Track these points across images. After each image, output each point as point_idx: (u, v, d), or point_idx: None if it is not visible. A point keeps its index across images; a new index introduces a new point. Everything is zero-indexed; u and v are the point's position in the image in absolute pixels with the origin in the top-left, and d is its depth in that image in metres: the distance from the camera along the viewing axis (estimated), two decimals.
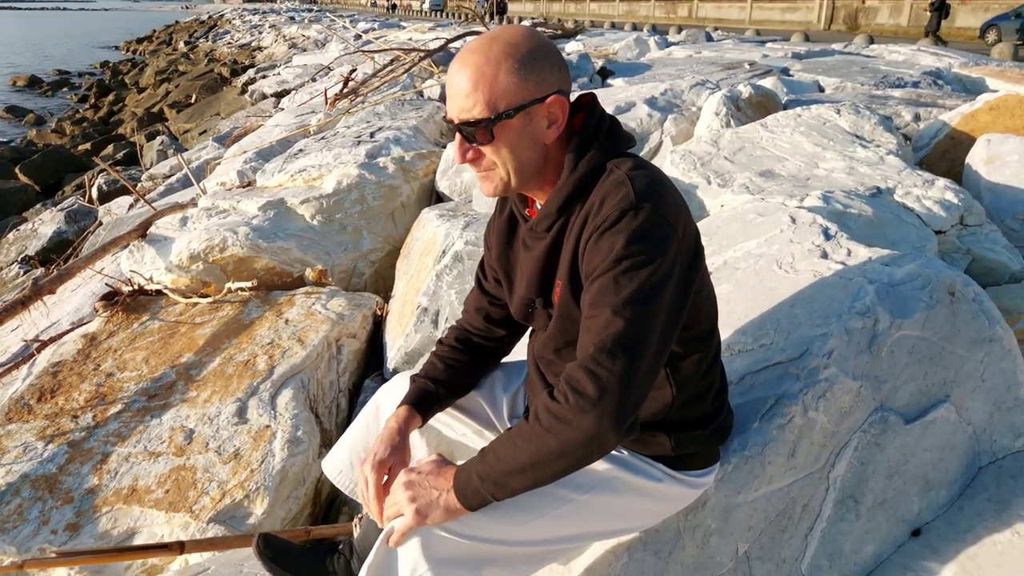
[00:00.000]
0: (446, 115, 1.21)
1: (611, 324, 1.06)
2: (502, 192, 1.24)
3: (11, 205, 9.08)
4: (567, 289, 1.21)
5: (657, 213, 1.10)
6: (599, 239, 1.11)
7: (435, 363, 1.48)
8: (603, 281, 1.09)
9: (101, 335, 3.10)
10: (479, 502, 1.14)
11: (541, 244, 1.27)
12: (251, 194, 4.02)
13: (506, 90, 1.15)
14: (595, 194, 1.17)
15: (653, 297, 1.08)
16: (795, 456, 1.47)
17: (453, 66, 1.17)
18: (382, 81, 7.82)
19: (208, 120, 12.46)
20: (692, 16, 32.89)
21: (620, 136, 1.25)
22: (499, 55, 1.15)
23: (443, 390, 1.44)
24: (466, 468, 1.16)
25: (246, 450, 2.26)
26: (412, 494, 1.16)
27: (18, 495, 2.15)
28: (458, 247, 2.90)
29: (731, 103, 3.85)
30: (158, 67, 25.38)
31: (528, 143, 1.20)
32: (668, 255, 1.10)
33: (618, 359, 1.04)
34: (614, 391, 1.03)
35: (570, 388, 1.06)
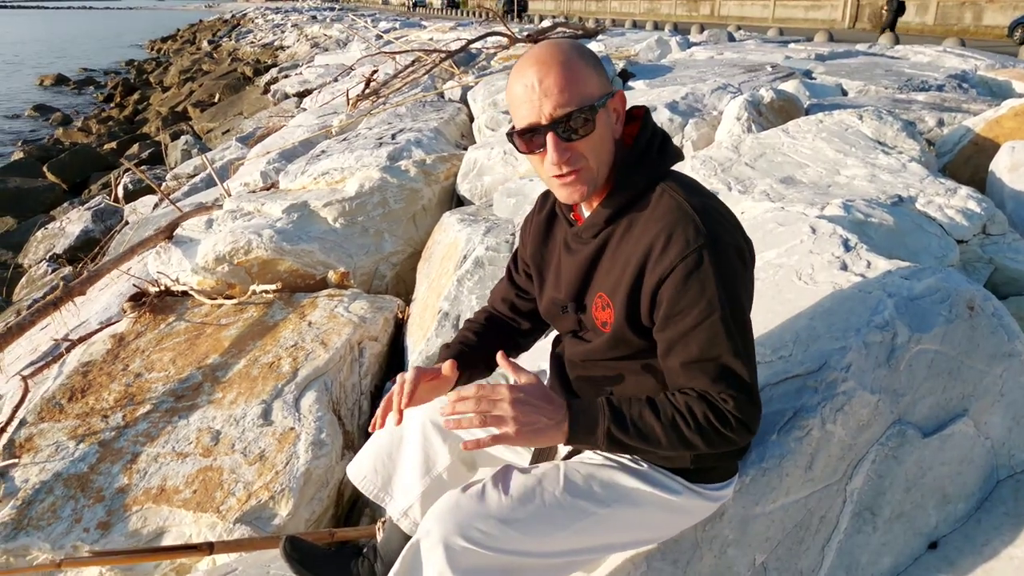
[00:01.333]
0: (523, 125, 1.21)
1: (738, 367, 1.20)
2: (589, 194, 1.25)
3: (39, 203, 9.26)
4: (622, 314, 1.25)
5: (729, 243, 1.18)
6: (687, 281, 1.17)
7: (467, 334, 1.54)
8: (711, 327, 1.17)
9: (129, 335, 3.17)
10: (583, 444, 1.25)
11: (585, 250, 1.31)
12: (275, 196, 4.08)
13: (592, 83, 1.21)
14: (652, 218, 1.22)
15: (749, 323, 1.23)
16: (813, 468, 1.49)
17: (529, 71, 1.20)
18: (403, 82, 7.87)
19: (231, 119, 12.60)
20: (714, 14, 32.67)
21: (670, 152, 1.29)
22: (573, 55, 1.21)
23: (476, 354, 1.50)
24: (589, 415, 1.22)
25: (271, 452, 2.31)
26: (520, 414, 1.17)
27: (51, 493, 2.22)
28: (479, 253, 2.93)
29: (752, 108, 3.84)
30: (182, 66, 25.67)
31: (610, 136, 1.25)
32: (746, 276, 1.22)
33: (753, 391, 1.22)
34: (759, 412, 1.24)
35: (735, 419, 1.20)
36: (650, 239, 1.20)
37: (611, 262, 1.27)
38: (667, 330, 1.20)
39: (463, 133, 5.81)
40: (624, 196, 1.25)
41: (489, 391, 1.19)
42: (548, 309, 1.43)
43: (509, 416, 1.16)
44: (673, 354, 1.21)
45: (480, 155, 4.19)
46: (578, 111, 1.18)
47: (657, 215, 1.21)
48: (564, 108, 1.18)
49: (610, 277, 1.27)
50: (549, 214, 1.45)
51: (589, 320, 1.33)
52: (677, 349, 1.20)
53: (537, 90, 1.18)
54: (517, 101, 1.22)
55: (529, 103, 1.19)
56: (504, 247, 2.93)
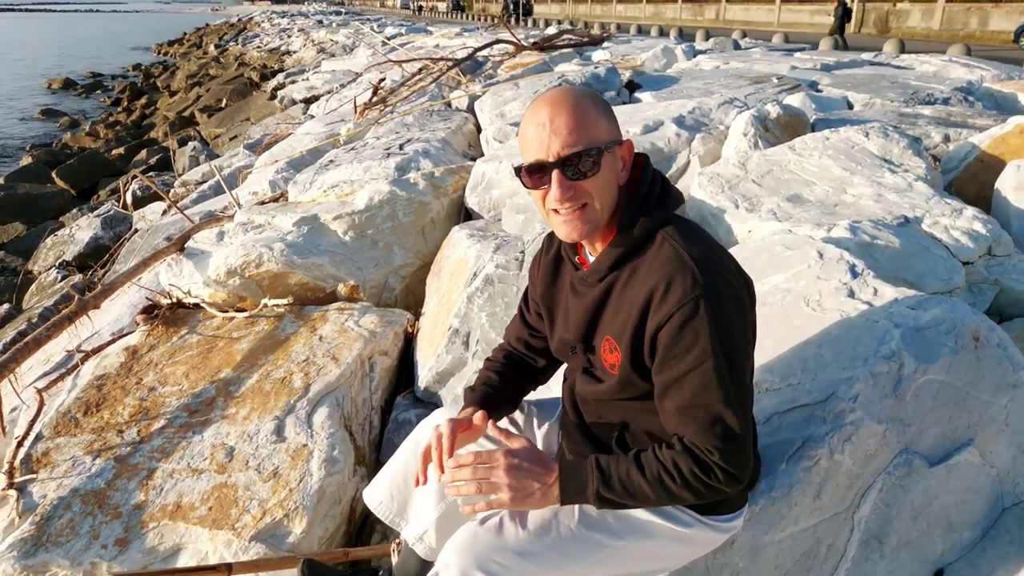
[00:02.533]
0: (532, 162, 1.26)
1: (728, 416, 1.21)
2: (588, 234, 1.30)
3: (48, 210, 9.32)
4: (627, 360, 1.29)
5: (724, 290, 1.21)
6: (682, 329, 1.20)
7: (489, 375, 1.58)
8: (703, 374, 1.20)
9: (142, 348, 3.21)
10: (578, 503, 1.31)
11: (591, 293, 1.35)
12: (286, 209, 4.12)
13: (602, 128, 1.26)
14: (652, 266, 1.25)
15: (744, 370, 1.24)
16: (821, 497, 1.51)
17: (542, 111, 1.25)
18: (411, 90, 7.92)
19: (239, 125, 12.67)
20: (719, 18, 32.69)
21: (671, 198, 1.32)
22: (586, 100, 1.26)
23: (500, 396, 1.55)
24: (578, 478, 1.27)
25: (285, 468, 2.35)
26: (514, 481, 1.26)
27: (69, 509, 2.25)
28: (489, 270, 2.97)
29: (759, 123, 3.87)
30: (189, 71, 25.79)
31: (614, 181, 1.29)
32: (742, 323, 1.23)
33: (744, 441, 1.24)
34: (748, 463, 1.26)
35: (719, 468, 1.23)
36: (651, 286, 1.24)
37: (617, 306, 1.32)
38: (662, 374, 1.25)
39: (471, 143, 5.84)
40: (627, 243, 1.30)
41: (485, 458, 1.28)
42: (559, 348, 1.49)
43: (504, 483, 1.25)
44: (667, 398, 1.25)
45: (489, 168, 4.22)
46: (585, 151, 1.23)
47: (658, 263, 1.25)
48: (571, 148, 1.23)
49: (616, 321, 1.31)
50: (556, 256, 1.50)
51: (598, 361, 1.37)
52: (671, 393, 1.24)
53: (547, 128, 1.23)
54: (527, 139, 1.27)
55: (539, 141, 1.24)
56: (514, 265, 2.96)
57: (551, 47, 9.55)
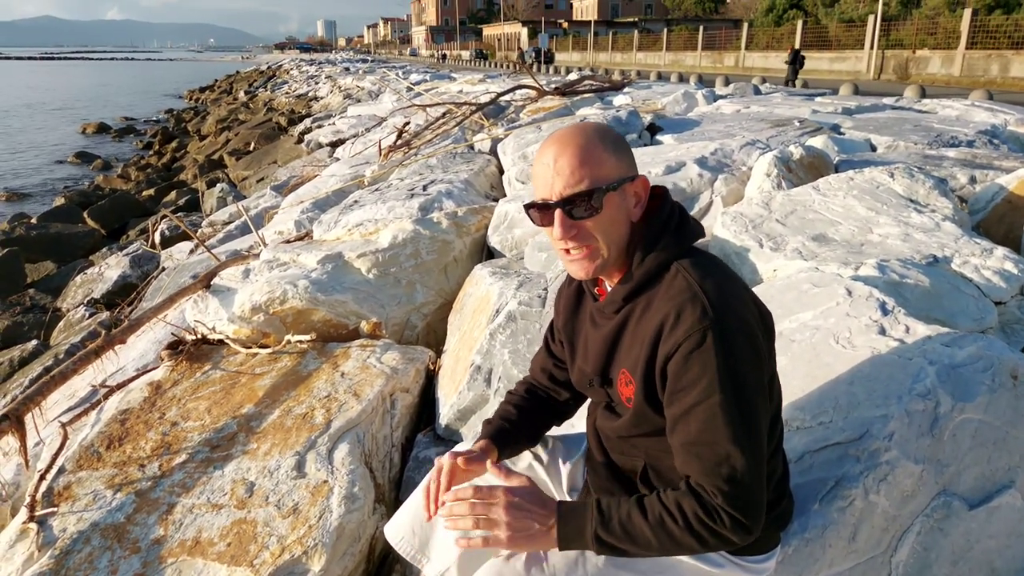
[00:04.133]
0: (538, 201, 1.27)
1: (735, 456, 1.15)
2: (596, 272, 1.29)
3: (78, 248, 9.52)
4: (640, 393, 1.27)
5: (738, 326, 1.18)
6: (687, 360, 1.17)
7: (508, 408, 1.57)
8: (708, 411, 1.16)
9: (166, 383, 3.22)
10: (577, 548, 1.24)
11: (608, 325, 1.34)
12: (310, 247, 4.16)
13: (608, 166, 1.25)
14: (665, 298, 1.23)
15: (756, 411, 1.18)
16: (856, 540, 1.46)
17: (549, 150, 1.26)
18: (434, 134, 8.05)
19: (266, 168, 12.93)
20: (738, 65, 33.08)
21: (688, 230, 1.31)
22: (595, 137, 1.25)
23: (516, 431, 1.53)
24: (577, 519, 1.22)
25: (304, 505, 2.32)
26: (513, 519, 1.22)
27: (88, 543, 2.24)
28: (512, 307, 2.96)
29: (782, 164, 3.87)
30: (219, 115, 26.48)
31: (623, 219, 1.28)
32: (754, 360, 1.18)
33: (752, 486, 1.17)
34: (758, 510, 1.18)
35: (726, 515, 1.16)
36: (662, 317, 1.22)
37: (631, 339, 1.30)
38: (671, 407, 1.22)
39: (493, 185, 5.90)
40: (640, 276, 1.28)
41: (486, 494, 1.25)
42: (579, 380, 1.47)
43: (503, 521, 1.22)
44: (675, 433, 1.22)
45: (511, 208, 4.25)
46: (585, 192, 1.22)
47: (671, 294, 1.23)
48: (572, 188, 1.23)
49: (631, 354, 1.30)
50: (578, 287, 1.50)
51: (616, 395, 1.36)
52: (678, 428, 1.21)
53: (551, 168, 1.24)
54: (536, 177, 1.28)
55: (544, 179, 1.25)
56: (536, 302, 2.96)
57: (573, 92, 9.69)
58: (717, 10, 60.31)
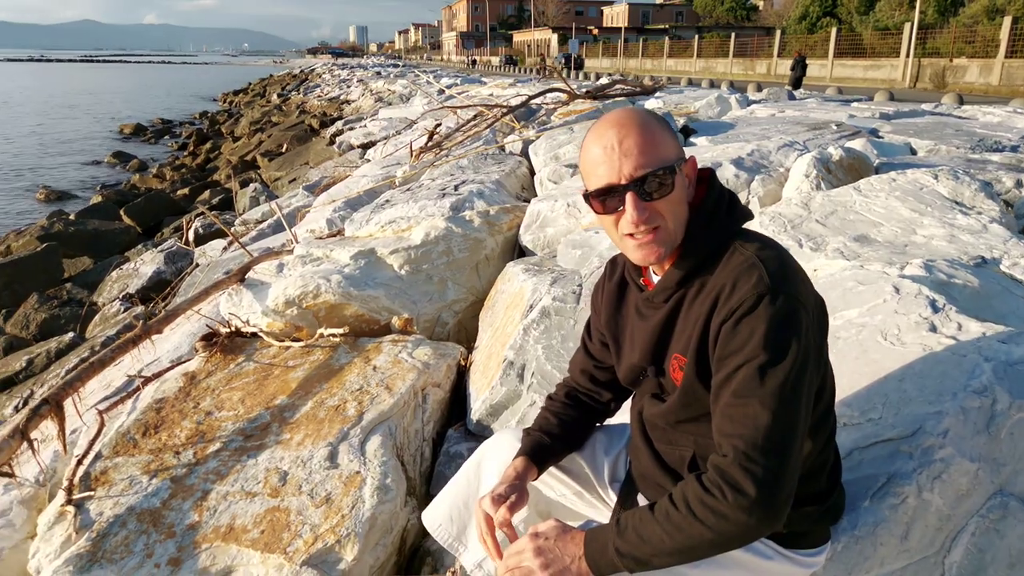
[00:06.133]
0: (602, 186, 1.23)
1: (760, 417, 1.08)
2: (664, 255, 1.25)
3: (115, 245, 9.69)
4: (692, 368, 1.23)
5: (793, 297, 1.13)
6: (737, 324, 1.14)
7: (547, 417, 1.52)
8: (747, 371, 1.11)
9: (200, 374, 3.25)
10: (612, 572, 1.17)
11: (657, 314, 1.30)
12: (344, 243, 4.18)
13: (669, 146, 1.23)
14: (722, 273, 1.19)
15: (797, 386, 1.10)
16: (908, 539, 1.42)
17: (608, 133, 1.22)
18: (465, 135, 8.06)
19: (298, 169, 13.06)
20: (771, 73, 32.75)
21: (740, 211, 1.28)
22: (650, 120, 1.24)
23: (557, 443, 1.49)
24: (599, 539, 1.18)
25: (337, 495, 2.32)
26: (544, 560, 1.19)
27: (125, 527, 2.26)
28: (546, 302, 2.94)
29: (821, 165, 3.81)
30: (252, 118, 26.86)
31: (685, 199, 1.26)
32: (806, 339, 1.13)
33: (772, 456, 1.07)
34: (772, 487, 1.07)
35: (726, 484, 1.08)
36: (717, 291, 1.19)
37: (684, 323, 1.27)
38: (717, 373, 1.18)
39: (524, 186, 5.89)
40: (694, 258, 1.25)
41: (513, 549, 1.23)
42: (627, 375, 1.43)
43: (536, 565, 1.19)
44: (717, 399, 1.17)
45: (544, 207, 4.24)
46: (658, 171, 1.20)
47: (728, 269, 1.20)
48: (644, 168, 1.20)
49: (683, 337, 1.26)
50: (619, 281, 1.46)
51: (669, 383, 1.32)
52: (721, 393, 1.16)
53: (617, 151, 1.20)
54: (594, 162, 1.23)
55: (608, 163, 1.21)
56: (571, 298, 2.93)
57: (604, 96, 9.65)
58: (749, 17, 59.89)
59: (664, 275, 1.30)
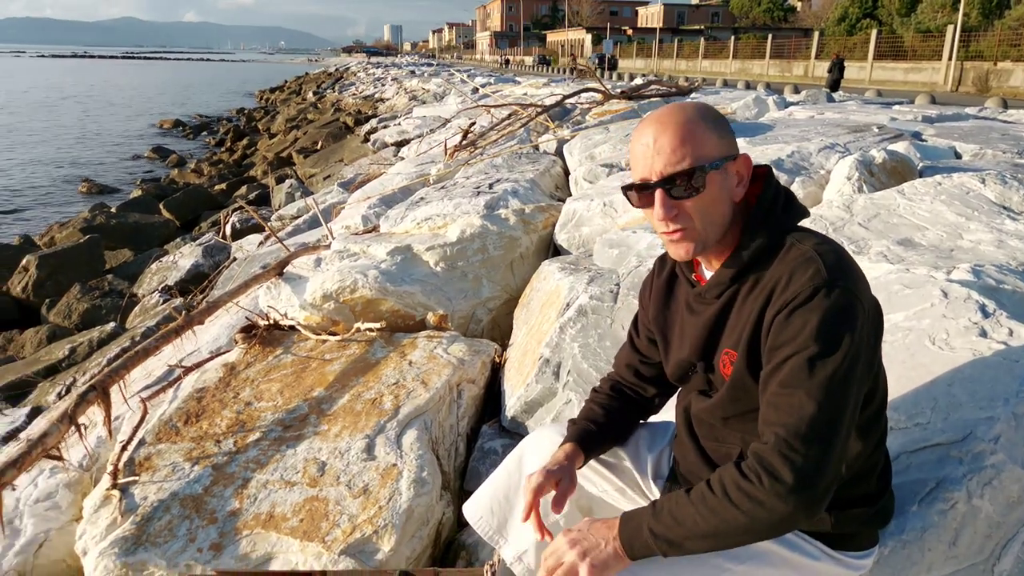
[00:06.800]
0: (637, 181, 1.25)
1: (805, 407, 1.07)
2: (695, 253, 1.26)
3: (155, 238, 9.90)
4: (743, 361, 1.22)
5: (850, 292, 1.12)
6: (790, 315, 1.13)
7: (593, 408, 1.53)
8: (797, 361, 1.10)
9: (240, 365, 3.31)
10: (646, 554, 1.17)
11: (709, 310, 1.29)
12: (380, 239, 4.22)
13: (709, 145, 1.22)
14: (778, 267, 1.19)
15: (846, 381, 1.09)
16: (957, 545, 1.39)
17: (648, 129, 1.23)
18: (499, 134, 8.08)
19: (332, 166, 13.21)
20: (808, 75, 32.29)
21: (796, 209, 1.27)
22: (695, 115, 1.23)
23: (603, 433, 1.49)
24: (633, 520, 1.18)
25: (374, 486, 2.35)
26: (580, 549, 1.19)
27: (168, 512, 2.31)
28: (583, 301, 2.94)
29: (864, 168, 3.75)
30: (288, 115, 27.21)
31: (724, 198, 1.25)
32: (859, 335, 1.11)
33: (814, 445, 1.06)
34: (810, 478, 1.05)
35: (764, 470, 1.07)
36: (773, 284, 1.19)
37: (736, 318, 1.26)
38: (767, 365, 1.17)
39: (558, 185, 5.89)
40: (749, 254, 1.24)
41: (550, 553, 1.24)
42: (675, 371, 1.43)
43: (574, 557, 1.19)
44: (765, 390, 1.16)
45: (579, 206, 4.24)
46: (687, 171, 1.20)
47: (784, 263, 1.19)
48: (674, 167, 1.20)
49: (735, 332, 1.26)
50: (669, 276, 1.46)
51: (718, 378, 1.32)
52: (769, 383, 1.15)
53: (651, 148, 1.22)
54: (635, 157, 1.26)
55: (644, 160, 1.23)
56: (608, 297, 2.93)
57: (639, 96, 9.61)
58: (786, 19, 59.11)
59: (716, 272, 1.29)
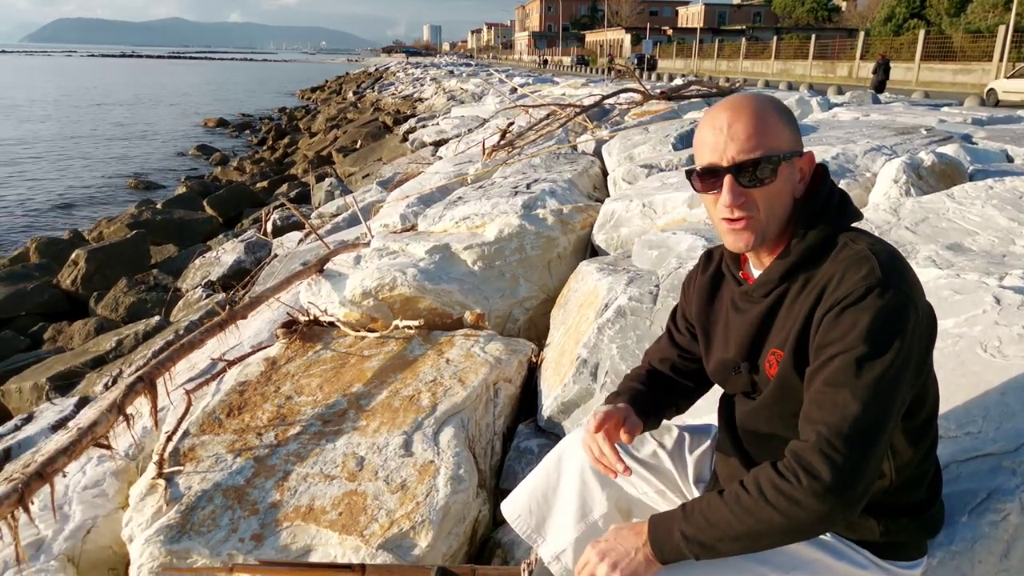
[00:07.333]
0: (705, 165, 1.23)
1: (849, 407, 1.05)
2: (754, 245, 1.24)
3: (198, 234, 10.12)
4: (790, 360, 1.20)
5: (904, 294, 1.09)
6: (840, 314, 1.11)
7: (633, 385, 1.52)
8: (844, 360, 1.08)
9: (280, 360, 3.36)
10: (677, 558, 1.15)
11: (756, 309, 1.28)
12: (419, 237, 4.26)
13: (782, 137, 1.21)
14: (830, 266, 1.17)
15: (894, 383, 1.07)
16: (1008, 557, 1.36)
17: (721, 115, 1.23)
18: (538, 134, 8.08)
19: (371, 165, 13.35)
20: (852, 76, 31.65)
21: (850, 209, 1.25)
22: (769, 107, 1.22)
23: (652, 397, 1.49)
24: (664, 524, 1.17)
25: (412, 482, 2.37)
26: (610, 561, 1.18)
27: (211, 502, 2.36)
28: (621, 302, 2.92)
29: (911, 171, 3.67)
30: (329, 114, 27.59)
31: (789, 192, 1.24)
32: (910, 338, 1.09)
33: (855, 446, 1.04)
34: (849, 478, 1.03)
35: (802, 468, 1.05)
36: (824, 283, 1.17)
37: (785, 318, 1.24)
38: (813, 363, 1.15)
39: (596, 185, 5.87)
40: (800, 252, 1.22)
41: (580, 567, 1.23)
42: (717, 370, 1.41)
43: (607, 568, 1.18)
44: (809, 388, 1.14)
45: (618, 207, 4.22)
46: (762, 159, 1.19)
47: (836, 261, 1.17)
48: (747, 154, 1.19)
49: (782, 331, 1.24)
50: (715, 273, 1.44)
51: (763, 379, 1.29)
52: (814, 380, 1.13)
53: (725, 132, 1.21)
54: (703, 142, 1.25)
55: (714, 144, 1.22)
56: (647, 298, 2.91)
57: (679, 97, 9.52)
58: (831, 18, 58.02)
59: (766, 269, 1.27)
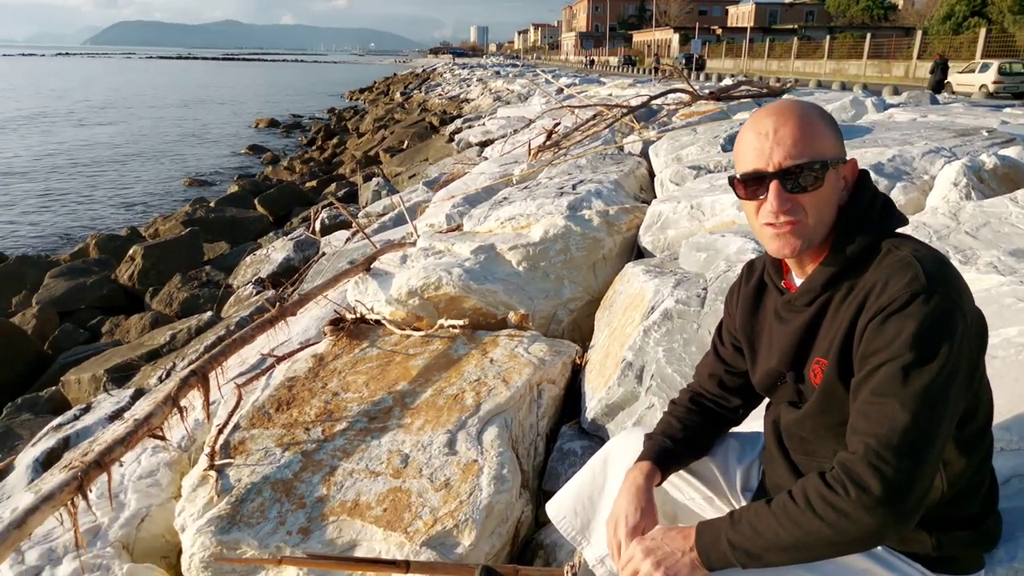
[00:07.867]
0: (749, 171, 1.22)
1: (898, 418, 1.03)
2: (800, 250, 1.22)
3: (249, 232, 10.35)
4: (834, 369, 1.18)
5: (950, 300, 1.07)
6: (885, 321, 1.09)
7: (671, 422, 1.50)
8: (891, 369, 1.06)
9: (328, 356, 3.42)
10: (724, 566, 1.14)
11: (799, 318, 1.26)
12: (464, 237, 4.28)
13: (828, 142, 1.20)
14: (873, 273, 1.15)
15: (943, 392, 1.04)
16: None
17: (766, 120, 1.21)
18: (584, 135, 8.06)
19: (418, 165, 13.47)
20: (908, 76, 30.75)
21: (894, 215, 1.23)
22: (814, 113, 1.21)
23: (681, 449, 1.46)
24: (711, 531, 1.15)
25: (455, 481, 2.38)
26: (655, 559, 1.18)
27: (260, 495, 2.41)
28: (668, 305, 2.90)
29: (972, 173, 3.55)
30: (376, 115, 27.93)
31: (835, 199, 1.22)
32: (958, 344, 1.06)
33: (905, 457, 1.02)
34: (900, 491, 1.01)
35: (851, 481, 1.03)
36: (868, 290, 1.14)
37: (829, 326, 1.21)
38: (859, 372, 1.12)
39: (642, 187, 5.82)
40: (843, 259, 1.20)
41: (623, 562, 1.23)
42: (763, 381, 1.39)
43: (652, 566, 1.17)
44: (856, 398, 1.11)
45: (665, 208, 4.17)
46: (808, 164, 1.17)
47: (880, 268, 1.14)
48: (794, 160, 1.17)
49: (826, 340, 1.21)
50: (758, 284, 1.42)
51: (808, 388, 1.27)
52: (860, 390, 1.10)
53: (771, 138, 1.19)
54: (746, 147, 1.23)
55: (759, 149, 1.20)
56: (695, 301, 2.88)
57: (728, 97, 9.38)
58: (887, 17, 56.46)
59: (809, 277, 1.25)
